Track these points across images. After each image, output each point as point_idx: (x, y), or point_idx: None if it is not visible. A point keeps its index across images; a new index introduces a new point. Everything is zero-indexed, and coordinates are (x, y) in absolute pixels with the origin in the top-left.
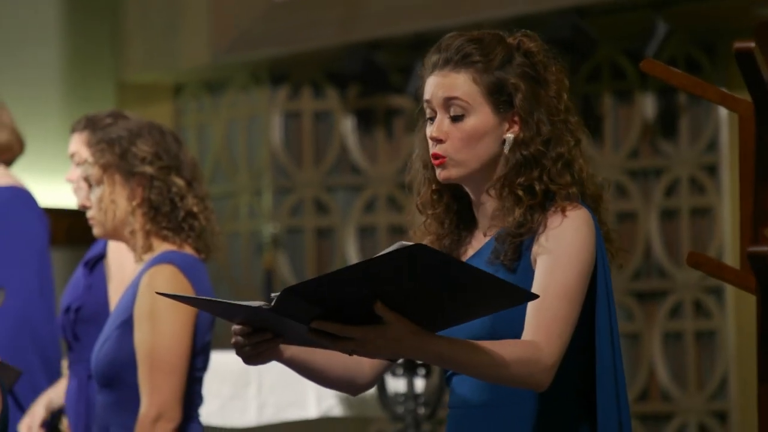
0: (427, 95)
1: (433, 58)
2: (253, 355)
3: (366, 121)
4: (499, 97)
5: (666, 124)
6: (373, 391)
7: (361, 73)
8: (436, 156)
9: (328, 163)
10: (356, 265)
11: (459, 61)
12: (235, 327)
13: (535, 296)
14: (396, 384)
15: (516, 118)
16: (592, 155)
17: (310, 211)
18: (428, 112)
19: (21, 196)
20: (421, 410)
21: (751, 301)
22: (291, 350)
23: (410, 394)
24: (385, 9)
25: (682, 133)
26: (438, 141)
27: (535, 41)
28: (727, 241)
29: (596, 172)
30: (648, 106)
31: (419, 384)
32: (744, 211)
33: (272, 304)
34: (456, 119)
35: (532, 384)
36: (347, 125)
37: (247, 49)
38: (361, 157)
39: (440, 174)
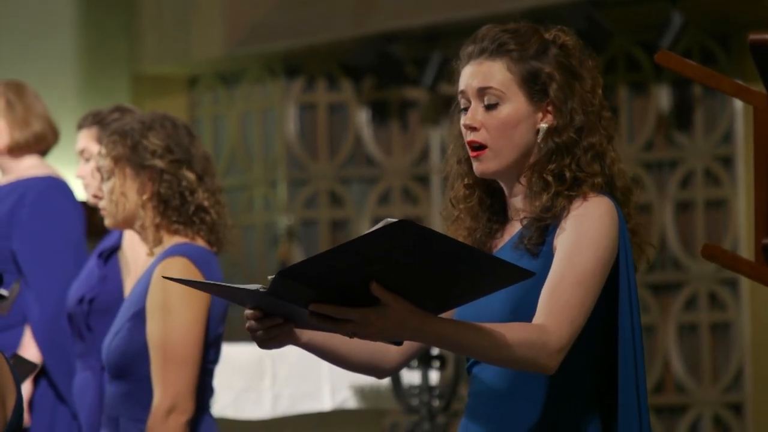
0: (461, 86)
1: (468, 48)
2: (266, 339)
3: (380, 113)
4: (533, 86)
5: (681, 116)
6: (387, 383)
7: (375, 65)
8: (473, 145)
9: (343, 155)
10: (345, 244)
11: (494, 50)
12: (247, 312)
13: (531, 274)
14: (411, 376)
15: (550, 108)
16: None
17: (324, 203)
18: (462, 103)
19: (57, 185)
20: (436, 402)
21: (766, 293)
22: (308, 334)
23: (425, 387)
24: (399, 1)
25: (697, 124)
26: (472, 129)
27: (571, 37)
28: (742, 232)
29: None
30: (663, 97)
31: (434, 376)
32: (759, 202)
33: (268, 287)
34: (490, 108)
35: (537, 367)
36: (362, 117)
37: (261, 41)
38: (375, 149)
39: (477, 168)
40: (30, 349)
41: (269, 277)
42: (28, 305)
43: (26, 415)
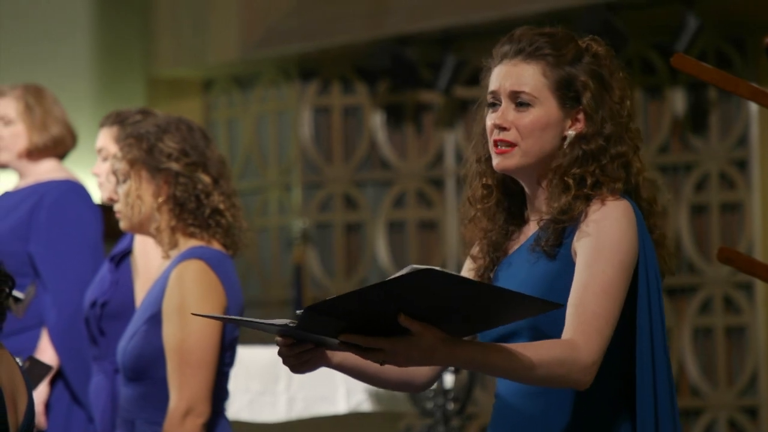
0: (493, 86)
1: (503, 48)
2: (297, 365)
3: (395, 116)
4: (566, 92)
5: (696, 119)
6: None
7: (390, 68)
8: (501, 143)
9: (358, 159)
10: (370, 287)
11: (531, 53)
12: (278, 339)
13: (557, 305)
14: None
15: (580, 116)
16: None
17: (339, 206)
18: (492, 101)
19: (75, 189)
20: (451, 406)
21: None
22: (340, 356)
23: (440, 390)
24: (414, 4)
25: (712, 128)
26: (502, 129)
27: (604, 47)
28: (757, 236)
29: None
30: (678, 101)
31: (449, 380)
32: None
33: (296, 322)
34: (522, 110)
35: (571, 383)
36: (376, 120)
37: (276, 45)
38: (390, 152)
39: (499, 162)
40: (47, 352)
41: (297, 312)
42: (45, 308)
43: (42, 418)
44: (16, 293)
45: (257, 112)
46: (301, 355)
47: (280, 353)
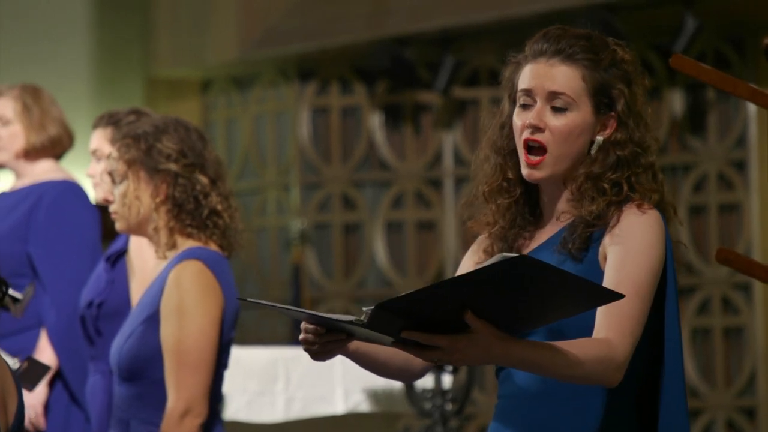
0: (528, 84)
1: (541, 45)
2: (322, 353)
3: (394, 116)
4: (601, 98)
5: (694, 120)
6: (400, 386)
7: (389, 69)
8: (533, 144)
9: (356, 159)
10: (455, 279)
11: (570, 55)
12: (307, 326)
13: (621, 296)
14: (423, 380)
15: (610, 122)
16: None
17: (337, 206)
18: (524, 99)
19: (73, 189)
20: (449, 406)
21: None
22: (355, 344)
23: (438, 390)
24: (413, 4)
25: (711, 128)
26: (537, 129)
27: (628, 51)
28: (755, 237)
29: None
30: (676, 101)
31: (447, 380)
32: None
33: (364, 320)
34: (558, 112)
35: (605, 381)
36: (375, 121)
37: (275, 45)
38: (388, 152)
39: (530, 174)
40: (45, 352)
41: (364, 309)
42: (43, 308)
43: (41, 419)
44: (14, 293)
45: (256, 113)
46: (327, 344)
47: (303, 339)
